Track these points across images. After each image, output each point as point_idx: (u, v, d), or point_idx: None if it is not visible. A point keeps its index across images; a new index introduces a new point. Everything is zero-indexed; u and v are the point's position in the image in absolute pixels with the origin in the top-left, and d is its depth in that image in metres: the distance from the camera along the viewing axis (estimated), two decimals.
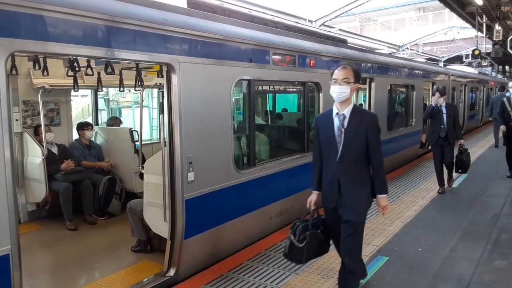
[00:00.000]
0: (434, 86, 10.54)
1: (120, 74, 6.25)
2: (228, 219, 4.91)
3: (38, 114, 6.11)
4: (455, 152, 7.83)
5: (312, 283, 4.24)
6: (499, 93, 14.04)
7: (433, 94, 7.72)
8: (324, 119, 3.76)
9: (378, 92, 8.66)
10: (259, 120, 7.67)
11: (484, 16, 17.22)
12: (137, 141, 6.25)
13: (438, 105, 7.53)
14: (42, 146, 5.74)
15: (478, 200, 7.17)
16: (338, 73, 3.58)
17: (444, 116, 7.48)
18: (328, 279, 4.30)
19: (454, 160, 7.72)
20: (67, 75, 5.95)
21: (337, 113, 3.65)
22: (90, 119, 8.05)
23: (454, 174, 8.17)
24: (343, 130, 3.57)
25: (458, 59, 29.73)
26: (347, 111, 3.62)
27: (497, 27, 16.34)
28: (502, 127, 9.11)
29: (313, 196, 3.87)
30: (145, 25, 3.84)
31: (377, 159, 3.61)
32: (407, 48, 28.16)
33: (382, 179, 3.66)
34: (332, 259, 4.77)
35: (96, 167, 6.67)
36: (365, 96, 9.14)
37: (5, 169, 2.96)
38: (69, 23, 3.28)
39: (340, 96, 3.58)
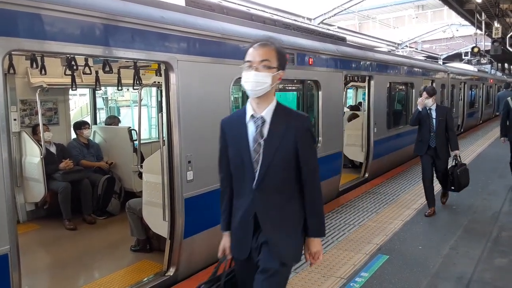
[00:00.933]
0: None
1: (118, 72, 6.21)
2: None
3: (36, 113, 6.08)
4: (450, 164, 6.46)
5: (312, 282, 4.22)
6: (504, 90, 15.08)
7: (420, 95, 6.37)
8: (233, 125, 2.53)
9: (377, 90, 8.64)
10: None
11: (483, 13, 17.23)
12: (136, 140, 6.23)
13: (427, 108, 6.20)
14: (40, 145, 5.71)
15: (478, 198, 7.16)
16: (254, 53, 2.38)
17: (434, 121, 6.15)
18: (328, 278, 4.29)
19: (448, 172, 6.30)
20: (65, 74, 5.92)
21: (252, 116, 2.42)
22: (88, 118, 8.02)
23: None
24: (261, 141, 2.38)
25: (457, 57, 29.77)
26: (267, 112, 2.41)
27: (496, 24, 16.35)
28: (503, 140, 8.30)
29: (225, 240, 2.70)
30: (143, 23, 3.82)
31: (311, 186, 2.47)
32: (406, 46, 28.14)
33: (317, 215, 2.50)
34: (332, 258, 4.76)
35: (95, 166, 6.64)
36: (364, 94, 9.13)
37: (3, 168, 2.94)
38: (67, 22, 3.25)
39: (256, 88, 2.35)
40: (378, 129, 8.71)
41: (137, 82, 5.55)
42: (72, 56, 4.83)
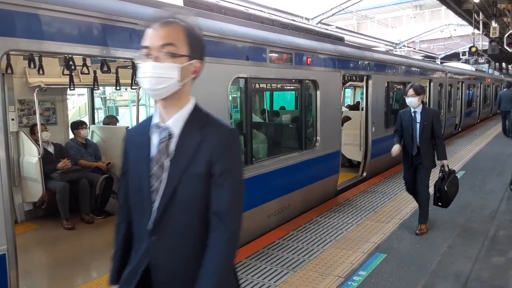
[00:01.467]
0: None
1: (116, 72, 6.22)
2: None
3: (34, 113, 6.07)
4: (437, 177, 5.48)
5: (310, 281, 4.23)
6: (505, 89, 15.89)
7: (405, 94, 5.64)
8: (135, 138, 1.80)
9: (375, 89, 8.66)
10: (256, 118, 7.67)
11: (480, 13, 17.28)
12: None
13: (411, 110, 5.46)
14: (38, 145, 5.70)
15: (475, 197, 7.18)
16: (153, 35, 1.64)
17: (418, 126, 5.37)
18: (326, 277, 4.30)
19: (433, 189, 5.42)
20: (63, 74, 5.92)
21: (157, 125, 1.69)
22: (86, 118, 8.02)
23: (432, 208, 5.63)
24: (166, 163, 1.64)
25: (455, 56, 29.83)
26: (175, 120, 1.66)
27: (494, 24, 16.39)
28: None
29: None
30: (141, 23, 3.81)
31: (225, 230, 1.59)
32: (404, 46, 28.20)
33: (218, 273, 1.58)
34: (330, 257, 4.77)
35: (93, 166, 6.63)
36: (362, 94, 9.14)
37: (0, 168, 2.94)
38: (64, 22, 3.26)
39: (157, 86, 1.60)
40: (376, 128, 8.73)
41: (135, 82, 5.55)
42: (70, 56, 4.83)
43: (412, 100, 5.40)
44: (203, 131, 1.64)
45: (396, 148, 5.53)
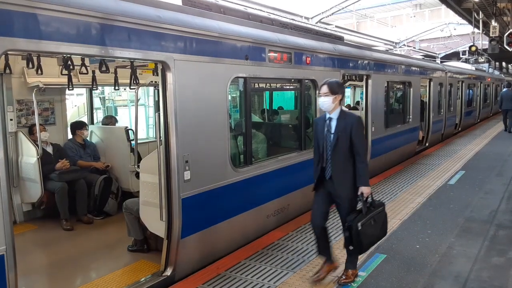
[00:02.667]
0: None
1: (115, 72, 6.20)
2: (225, 217, 4.89)
3: (33, 113, 6.06)
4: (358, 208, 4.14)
5: (309, 281, 4.22)
6: (505, 89, 16.81)
7: (318, 93, 4.23)
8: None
9: (374, 89, 8.64)
10: (255, 118, 7.65)
11: (480, 12, 17.25)
12: (133, 140, 6.21)
13: (326, 116, 4.11)
14: (37, 145, 5.69)
15: (475, 197, 7.17)
16: None
17: (331, 137, 4.02)
18: (326, 278, 4.28)
19: (347, 225, 3.97)
20: (62, 74, 5.90)
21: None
22: (85, 118, 8.00)
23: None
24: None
25: (455, 56, 29.84)
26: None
27: (494, 23, 16.37)
28: None
29: None
30: (140, 22, 3.81)
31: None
32: (403, 45, 28.17)
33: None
34: None
35: (91, 166, 6.62)
36: (362, 93, 9.12)
37: None
38: (63, 21, 3.24)
39: None
40: (375, 128, 8.72)
41: (134, 82, 5.53)
42: (68, 55, 4.82)
43: (324, 101, 3.99)
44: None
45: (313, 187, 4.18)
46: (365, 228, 3.91)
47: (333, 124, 4.03)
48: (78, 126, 6.77)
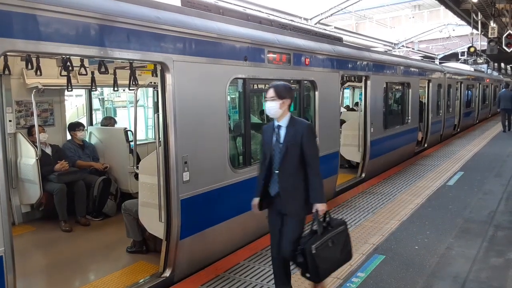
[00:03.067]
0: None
1: (114, 73, 6.20)
2: (224, 218, 4.89)
3: (32, 114, 6.06)
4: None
5: (308, 282, 4.20)
6: (504, 89, 17.41)
7: (265, 97, 3.69)
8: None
9: (373, 90, 8.65)
10: (254, 119, 7.65)
11: (479, 13, 17.29)
12: (132, 141, 6.21)
13: (274, 124, 3.66)
14: (36, 146, 5.69)
15: (474, 198, 7.18)
16: None
17: (280, 147, 3.58)
18: None
19: (300, 248, 3.48)
20: (61, 75, 5.90)
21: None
22: (84, 119, 8.00)
23: None
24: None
25: (453, 57, 29.87)
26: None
27: (492, 24, 16.41)
28: None
29: None
30: (139, 23, 3.81)
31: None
32: (402, 46, 28.20)
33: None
34: None
35: (90, 167, 6.61)
36: (361, 94, 9.13)
37: None
38: (62, 22, 3.24)
39: None
40: (374, 129, 8.72)
41: (133, 83, 5.54)
42: (67, 56, 4.82)
43: (271, 107, 3.55)
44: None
45: (255, 202, 3.75)
46: (320, 251, 3.41)
47: (282, 132, 3.59)
48: (71, 127, 6.75)
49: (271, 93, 3.56)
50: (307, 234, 3.55)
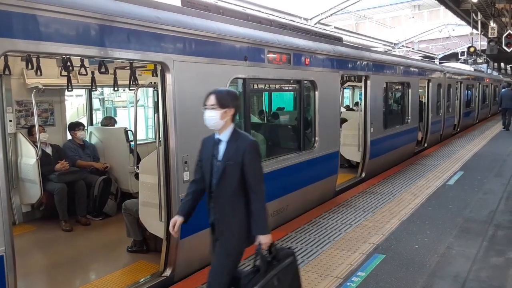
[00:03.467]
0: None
1: (114, 73, 6.21)
2: None
3: (32, 114, 6.06)
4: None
5: (309, 282, 4.23)
6: (504, 89, 17.73)
7: (204, 104, 3.07)
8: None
9: (373, 89, 8.66)
10: (254, 119, 7.66)
11: (479, 13, 17.30)
12: (132, 140, 6.21)
13: (214, 137, 3.13)
14: (36, 146, 5.69)
15: (474, 197, 7.18)
16: None
17: (217, 165, 3.06)
18: (325, 278, 4.29)
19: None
20: (61, 75, 5.91)
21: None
22: (84, 119, 8.00)
23: None
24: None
25: (453, 57, 29.88)
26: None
27: (492, 24, 16.42)
28: None
29: None
30: (139, 23, 3.81)
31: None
32: (402, 46, 28.22)
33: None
34: (329, 258, 4.77)
35: (91, 166, 6.62)
36: (360, 94, 9.14)
37: None
38: (62, 22, 3.25)
39: None
40: (374, 128, 8.73)
41: (133, 83, 5.54)
42: (67, 56, 4.82)
43: (210, 117, 3.03)
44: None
45: (174, 222, 3.20)
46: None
47: (222, 148, 3.04)
48: (71, 127, 6.76)
49: (211, 100, 3.01)
50: (248, 273, 3.09)
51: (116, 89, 6.73)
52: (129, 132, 6.77)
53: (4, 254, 3.01)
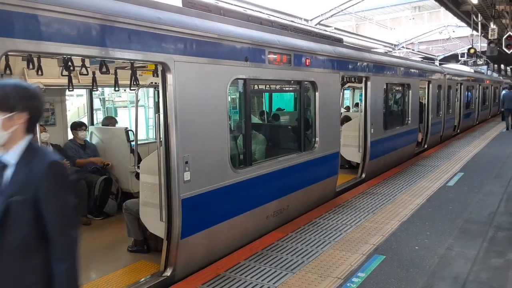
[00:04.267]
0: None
1: (115, 73, 6.22)
2: (224, 218, 4.90)
3: None
4: None
5: (309, 282, 4.23)
6: (506, 90, 17.89)
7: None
8: None
9: (373, 91, 8.67)
10: (255, 119, 7.67)
11: (479, 14, 17.31)
12: (133, 140, 6.22)
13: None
14: None
15: (474, 199, 7.18)
16: None
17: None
18: (325, 278, 4.30)
19: None
20: (62, 75, 5.91)
21: None
22: (85, 119, 8.01)
23: None
24: None
25: (453, 58, 29.92)
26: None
27: (492, 25, 16.43)
28: None
29: None
30: (140, 24, 3.82)
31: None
32: (402, 47, 28.25)
33: None
34: (329, 258, 4.77)
35: (90, 163, 6.61)
36: (361, 95, 9.15)
37: None
38: (63, 22, 3.25)
39: None
40: (374, 129, 8.74)
41: (134, 83, 5.55)
42: (68, 56, 4.83)
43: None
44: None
45: None
46: None
47: (7, 175, 1.98)
48: (74, 126, 6.77)
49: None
50: None
51: (117, 89, 6.73)
52: (129, 132, 6.77)
53: None
